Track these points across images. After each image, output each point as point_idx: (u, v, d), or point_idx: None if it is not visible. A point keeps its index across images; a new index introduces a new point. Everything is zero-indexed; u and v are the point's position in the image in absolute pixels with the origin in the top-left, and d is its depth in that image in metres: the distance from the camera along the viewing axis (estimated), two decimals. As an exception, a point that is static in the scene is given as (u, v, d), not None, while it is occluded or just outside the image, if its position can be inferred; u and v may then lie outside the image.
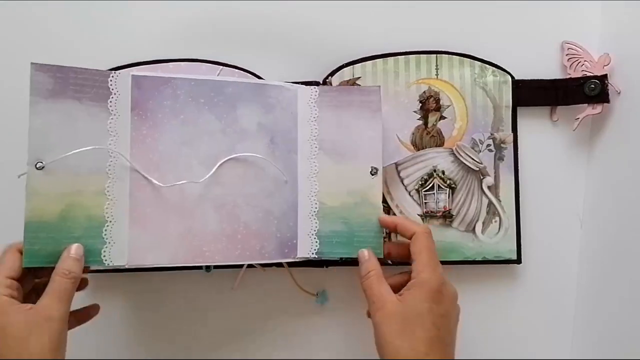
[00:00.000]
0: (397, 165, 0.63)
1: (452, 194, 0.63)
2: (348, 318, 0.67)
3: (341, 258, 0.59)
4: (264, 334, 0.67)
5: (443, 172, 0.63)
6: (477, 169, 0.63)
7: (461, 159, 0.63)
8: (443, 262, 0.60)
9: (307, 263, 0.62)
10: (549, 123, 0.65)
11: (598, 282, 0.64)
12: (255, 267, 0.63)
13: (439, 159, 0.63)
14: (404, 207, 0.63)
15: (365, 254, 0.56)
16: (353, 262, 0.61)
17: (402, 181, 0.63)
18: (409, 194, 0.63)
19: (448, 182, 0.63)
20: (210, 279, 0.66)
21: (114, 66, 0.63)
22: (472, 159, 0.63)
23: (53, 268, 0.50)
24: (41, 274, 0.53)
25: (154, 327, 0.67)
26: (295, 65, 0.65)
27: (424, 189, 0.63)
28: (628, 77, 0.61)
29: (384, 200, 0.63)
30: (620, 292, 0.61)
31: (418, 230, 0.54)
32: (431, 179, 0.63)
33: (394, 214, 0.63)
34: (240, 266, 0.63)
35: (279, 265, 0.63)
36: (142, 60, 0.63)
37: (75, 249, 0.51)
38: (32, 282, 0.53)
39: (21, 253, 0.50)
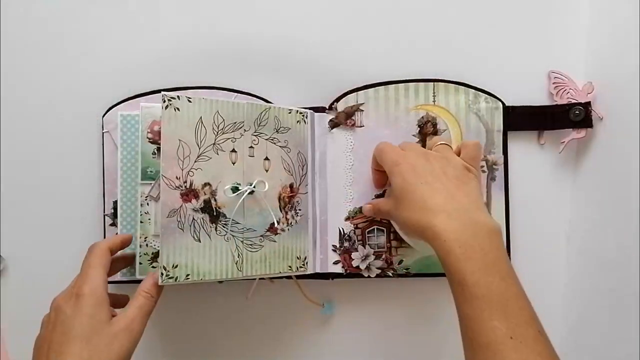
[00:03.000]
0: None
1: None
2: (353, 329, 0.69)
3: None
4: (270, 344, 0.70)
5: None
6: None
7: (456, 179, 0.65)
8: (439, 274, 0.64)
9: (313, 275, 0.65)
10: (536, 146, 0.67)
11: (584, 294, 0.65)
12: (264, 279, 0.65)
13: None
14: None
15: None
16: (357, 274, 0.65)
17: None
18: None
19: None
20: (222, 290, 0.69)
21: (136, 94, 0.66)
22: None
23: None
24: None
25: (163, 338, 0.70)
26: (303, 91, 0.67)
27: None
28: (610, 104, 0.63)
29: (386, 218, 0.65)
30: (606, 306, 0.62)
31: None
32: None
33: (394, 231, 0.65)
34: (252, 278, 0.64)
35: (288, 277, 0.66)
36: (159, 88, 0.65)
37: (158, 275, 0.55)
38: None
39: (110, 251, 0.55)
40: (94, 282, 0.52)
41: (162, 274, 0.54)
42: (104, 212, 0.65)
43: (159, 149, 0.60)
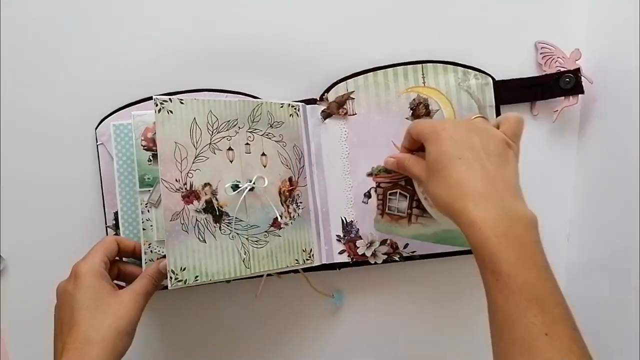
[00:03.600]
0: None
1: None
2: (364, 316, 0.70)
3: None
4: (283, 340, 0.70)
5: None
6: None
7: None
8: (447, 254, 0.64)
9: (320, 266, 0.65)
10: (530, 118, 0.67)
11: (584, 294, 0.65)
12: (271, 275, 0.66)
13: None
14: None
15: None
16: (363, 262, 0.65)
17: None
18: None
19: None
20: (231, 289, 0.69)
21: (137, 99, 0.65)
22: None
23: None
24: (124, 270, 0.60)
25: (174, 336, 0.70)
26: (294, 84, 0.67)
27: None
28: (610, 104, 0.64)
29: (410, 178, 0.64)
30: (606, 305, 0.63)
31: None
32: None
33: (418, 199, 0.62)
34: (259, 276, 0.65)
35: (295, 271, 0.66)
36: (150, 95, 0.62)
37: (164, 264, 0.56)
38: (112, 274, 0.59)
39: (116, 242, 0.57)
40: (92, 262, 0.54)
41: (170, 278, 0.54)
42: (106, 224, 0.65)
43: (154, 156, 0.60)
